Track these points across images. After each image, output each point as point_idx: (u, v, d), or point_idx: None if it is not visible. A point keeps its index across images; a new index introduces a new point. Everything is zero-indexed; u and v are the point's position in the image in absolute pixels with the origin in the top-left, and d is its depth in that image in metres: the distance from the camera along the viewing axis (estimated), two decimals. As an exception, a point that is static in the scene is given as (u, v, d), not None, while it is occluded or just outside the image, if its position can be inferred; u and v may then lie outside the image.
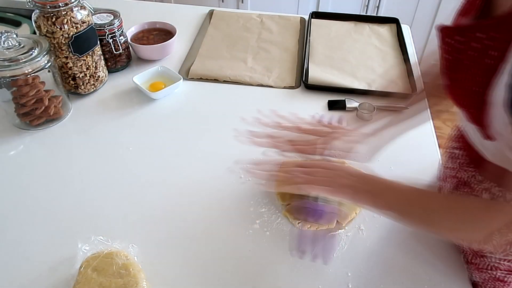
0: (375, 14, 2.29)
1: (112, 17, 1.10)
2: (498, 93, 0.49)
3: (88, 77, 1.04)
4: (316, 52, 1.22)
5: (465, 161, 0.73)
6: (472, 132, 0.68)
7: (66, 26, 0.93)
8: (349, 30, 1.32)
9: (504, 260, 0.66)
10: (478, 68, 0.52)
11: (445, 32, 0.57)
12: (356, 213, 0.79)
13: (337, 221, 0.77)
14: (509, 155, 0.53)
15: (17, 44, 0.89)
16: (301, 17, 1.39)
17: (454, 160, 0.77)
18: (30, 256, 0.73)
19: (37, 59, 0.88)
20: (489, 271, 0.68)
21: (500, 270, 0.67)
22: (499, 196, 0.67)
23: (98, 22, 1.07)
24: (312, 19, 1.35)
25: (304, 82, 1.11)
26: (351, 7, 2.29)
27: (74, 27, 0.95)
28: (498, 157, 0.62)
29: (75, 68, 1.01)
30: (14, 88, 0.90)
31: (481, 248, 0.68)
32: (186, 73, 1.15)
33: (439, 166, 0.84)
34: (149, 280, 0.69)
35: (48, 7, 0.90)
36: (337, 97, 1.07)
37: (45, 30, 0.93)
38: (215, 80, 1.13)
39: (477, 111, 0.54)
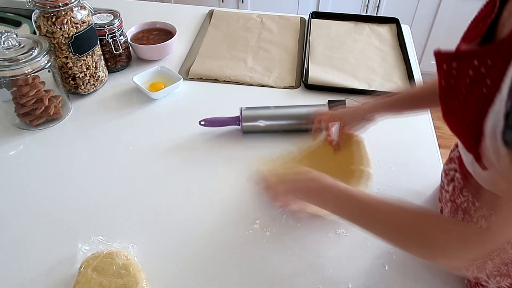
0: (375, 14, 2.29)
1: (112, 17, 1.10)
2: (491, 122, 0.48)
3: (88, 77, 1.04)
4: (316, 52, 1.22)
5: (460, 185, 0.71)
6: (465, 158, 0.66)
7: (66, 26, 0.93)
8: (349, 30, 1.32)
9: None
10: (473, 97, 0.50)
11: (442, 57, 0.56)
12: None
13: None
14: (503, 185, 0.51)
15: (17, 44, 0.89)
16: (301, 17, 1.39)
17: (450, 182, 0.75)
18: (30, 256, 0.73)
19: (37, 59, 0.88)
20: None
21: None
22: None
23: (98, 22, 1.07)
24: (312, 19, 1.35)
25: (304, 82, 1.11)
26: (351, 7, 2.29)
27: (74, 27, 0.95)
28: (492, 186, 0.61)
29: (75, 68, 1.01)
30: (14, 88, 0.90)
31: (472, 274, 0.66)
32: (186, 73, 1.15)
33: (440, 187, 0.82)
34: (149, 280, 0.69)
35: (48, 7, 0.90)
36: (337, 97, 1.07)
37: (45, 30, 0.93)
38: (215, 80, 1.13)
39: (472, 140, 0.53)
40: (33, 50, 0.89)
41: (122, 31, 1.12)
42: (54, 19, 0.92)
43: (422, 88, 0.83)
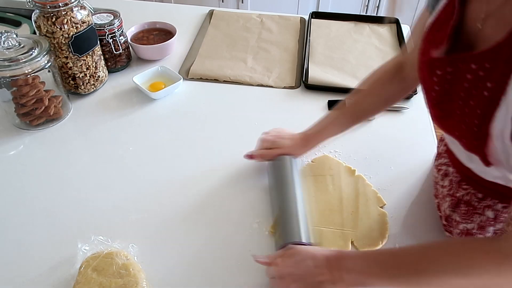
0: (375, 14, 2.29)
1: (112, 17, 1.10)
2: (498, 125, 0.48)
3: (88, 77, 1.04)
4: (316, 52, 1.22)
5: (457, 178, 0.72)
6: (460, 155, 0.66)
7: (66, 26, 0.93)
8: (349, 30, 1.32)
9: None
10: (474, 101, 0.50)
11: (436, 64, 0.56)
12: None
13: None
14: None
15: (17, 44, 0.89)
16: (301, 17, 1.39)
17: (445, 177, 0.75)
18: (30, 256, 0.73)
19: (37, 59, 0.88)
20: None
21: None
22: (503, 212, 0.65)
23: (98, 22, 1.07)
24: (312, 19, 1.34)
25: (304, 82, 1.11)
26: (351, 7, 2.29)
27: (74, 27, 0.95)
28: (500, 179, 0.61)
29: (75, 68, 1.01)
30: (14, 88, 0.90)
31: None
32: (186, 73, 1.15)
33: (433, 182, 0.82)
34: (149, 280, 0.69)
35: (48, 7, 0.90)
36: (337, 97, 1.07)
37: (45, 30, 0.93)
38: (215, 80, 1.13)
39: (476, 142, 0.53)
40: (33, 50, 0.89)
41: (122, 31, 1.12)
42: (54, 19, 0.92)
43: (358, 102, 0.83)
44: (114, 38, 1.09)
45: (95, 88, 1.08)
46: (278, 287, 0.66)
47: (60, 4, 0.91)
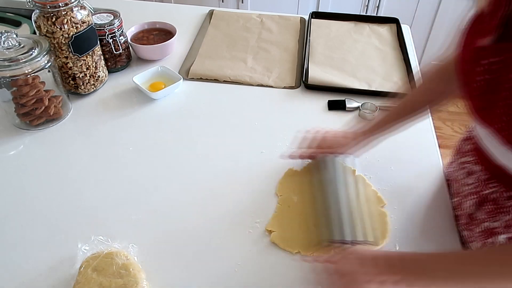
0: (375, 14, 2.29)
1: (112, 17, 1.10)
2: None
3: (88, 77, 1.04)
4: (316, 52, 1.22)
5: (484, 176, 0.70)
6: (496, 151, 0.65)
7: (66, 26, 0.93)
8: (349, 30, 1.32)
9: None
10: None
11: (483, 53, 0.55)
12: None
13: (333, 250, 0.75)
14: None
15: (17, 44, 0.89)
16: (301, 17, 1.39)
17: (470, 175, 0.74)
18: (30, 256, 0.73)
19: (37, 59, 0.88)
20: None
21: None
22: None
23: (98, 22, 1.07)
24: (312, 19, 1.34)
25: (304, 82, 1.11)
26: (351, 7, 2.29)
27: (74, 27, 0.95)
28: None
29: (75, 68, 1.01)
30: (14, 88, 0.90)
31: None
32: (186, 73, 1.15)
33: (452, 181, 0.81)
34: (149, 280, 0.69)
35: (48, 7, 0.90)
36: (337, 97, 1.07)
37: (45, 30, 0.93)
38: (215, 80, 1.13)
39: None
40: (33, 50, 0.89)
41: (122, 31, 1.12)
42: (54, 19, 0.92)
43: (409, 98, 0.83)
44: (114, 38, 1.09)
45: (95, 88, 1.08)
46: (337, 284, 0.65)
47: (60, 4, 0.91)
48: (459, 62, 0.62)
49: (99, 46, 1.04)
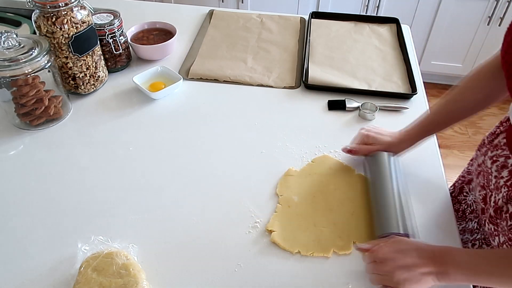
0: (375, 14, 2.29)
1: (112, 17, 1.10)
2: None
3: (88, 77, 1.04)
4: (316, 52, 1.22)
5: None
6: None
7: (66, 26, 0.93)
8: (349, 30, 1.32)
9: None
10: None
11: None
12: None
13: (333, 250, 0.75)
14: None
15: (17, 44, 0.89)
16: (301, 17, 1.39)
17: (503, 168, 0.74)
18: (30, 256, 0.73)
19: (37, 59, 0.88)
20: None
21: None
22: None
23: (98, 22, 1.07)
24: (312, 19, 1.34)
25: (304, 82, 1.11)
26: (351, 7, 2.29)
27: (74, 27, 0.95)
28: None
29: (75, 68, 1.01)
30: (14, 88, 0.90)
31: None
32: (186, 73, 1.15)
33: (483, 173, 0.80)
34: (149, 280, 0.69)
35: (48, 7, 0.90)
36: (337, 97, 1.07)
37: (45, 30, 0.93)
38: (215, 80, 1.13)
39: None
40: (33, 50, 0.89)
41: (122, 31, 1.12)
42: (54, 19, 0.92)
43: (452, 104, 0.82)
44: (114, 38, 1.09)
45: (95, 88, 1.08)
46: (377, 271, 0.66)
47: (60, 4, 0.91)
48: (504, 56, 0.62)
49: (99, 46, 1.04)
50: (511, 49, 0.60)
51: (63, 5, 0.91)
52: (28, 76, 0.89)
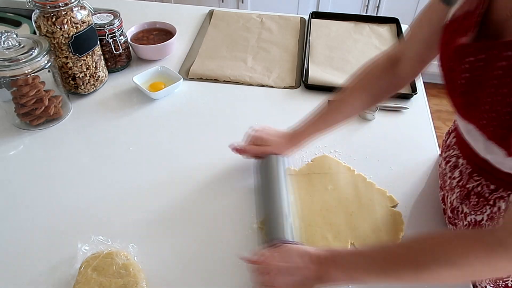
0: (375, 14, 2.29)
1: (112, 17, 1.10)
2: None
3: (88, 77, 1.04)
4: (316, 52, 1.22)
5: (468, 169, 0.71)
6: (476, 145, 0.66)
7: (66, 26, 0.93)
8: (349, 30, 1.32)
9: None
10: (507, 88, 0.50)
11: (468, 50, 0.55)
12: None
13: None
14: None
15: (17, 44, 0.89)
16: (301, 17, 1.39)
17: (455, 168, 0.75)
18: (30, 256, 0.73)
19: (37, 59, 0.88)
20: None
21: None
22: None
23: (98, 22, 1.07)
24: (312, 19, 1.34)
25: (304, 82, 1.11)
26: (351, 7, 2.29)
27: (74, 27, 0.95)
28: None
29: (75, 68, 1.01)
30: (14, 88, 0.90)
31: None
32: (186, 73, 1.15)
33: (440, 174, 0.82)
34: (149, 280, 0.69)
35: (48, 7, 0.90)
36: (337, 97, 1.07)
37: (45, 30, 0.93)
38: (215, 80, 1.13)
39: (502, 130, 0.53)
40: (33, 50, 0.89)
41: (122, 31, 1.12)
42: (54, 19, 0.92)
43: (336, 102, 0.83)
44: (114, 38, 1.09)
45: (95, 88, 1.08)
46: (262, 281, 0.65)
47: (60, 4, 0.91)
48: (442, 59, 0.62)
49: (99, 46, 1.04)
50: (450, 62, 0.60)
51: (63, 5, 0.91)
52: (28, 76, 0.89)
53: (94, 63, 1.03)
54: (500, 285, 0.70)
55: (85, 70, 1.02)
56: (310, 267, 0.62)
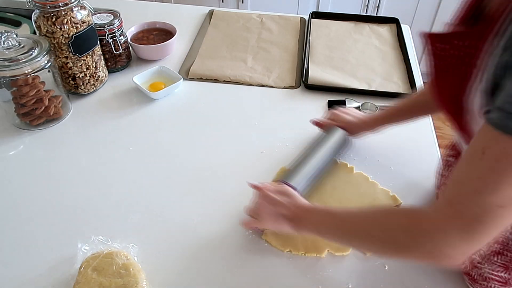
0: (375, 14, 2.29)
1: (112, 17, 1.10)
2: (475, 100, 0.50)
3: (88, 77, 1.04)
4: (316, 52, 1.22)
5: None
6: (458, 139, 0.68)
7: (66, 26, 0.93)
8: (349, 30, 1.32)
9: (497, 271, 0.65)
10: (457, 75, 0.53)
11: (429, 39, 0.58)
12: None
13: (328, 250, 0.74)
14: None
15: (17, 44, 0.89)
16: (301, 17, 1.39)
17: (449, 167, 0.76)
18: (30, 256, 0.73)
19: (37, 59, 0.88)
20: (483, 282, 0.66)
21: (495, 281, 0.66)
22: None
23: (98, 22, 1.07)
24: (312, 19, 1.35)
25: (304, 82, 1.11)
26: (351, 7, 2.29)
27: (74, 27, 0.95)
28: None
29: (75, 68, 1.01)
30: (14, 88, 0.90)
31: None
32: (186, 73, 1.15)
33: (437, 174, 0.83)
34: (149, 280, 0.69)
35: (48, 7, 0.90)
36: (337, 97, 1.07)
37: (45, 30, 0.93)
38: (215, 80, 1.13)
39: (458, 118, 0.55)
40: (33, 50, 0.89)
41: (122, 31, 1.12)
42: (54, 19, 0.92)
43: (419, 96, 0.85)
44: (114, 38, 1.09)
45: (95, 88, 1.08)
46: (251, 207, 0.74)
47: (60, 4, 0.91)
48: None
49: (99, 46, 1.04)
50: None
51: (63, 5, 0.91)
52: (28, 76, 0.89)
53: (94, 63, 1.03)
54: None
55: (85, 70, 1.02)
56: (291, 208, 0.67)
